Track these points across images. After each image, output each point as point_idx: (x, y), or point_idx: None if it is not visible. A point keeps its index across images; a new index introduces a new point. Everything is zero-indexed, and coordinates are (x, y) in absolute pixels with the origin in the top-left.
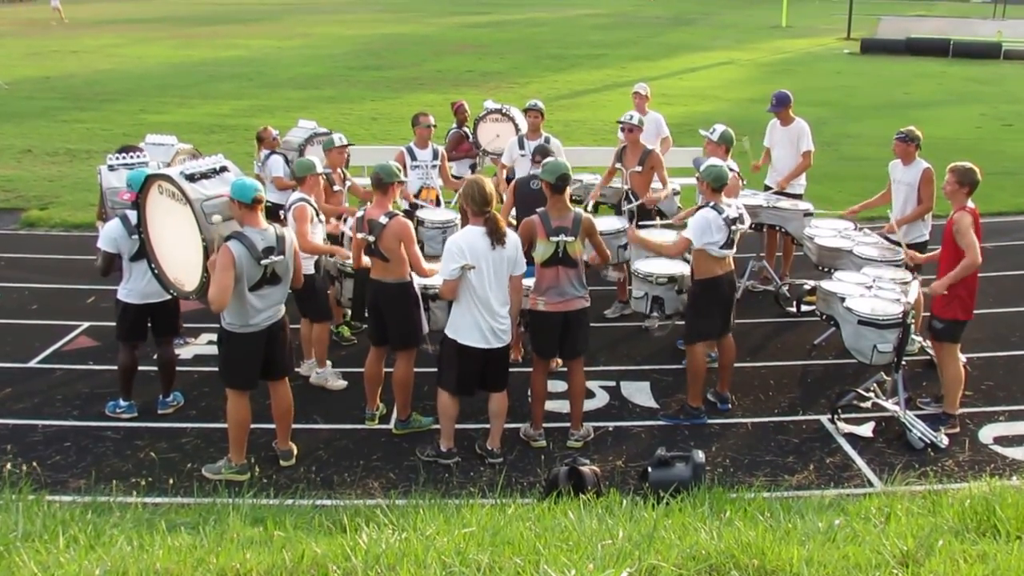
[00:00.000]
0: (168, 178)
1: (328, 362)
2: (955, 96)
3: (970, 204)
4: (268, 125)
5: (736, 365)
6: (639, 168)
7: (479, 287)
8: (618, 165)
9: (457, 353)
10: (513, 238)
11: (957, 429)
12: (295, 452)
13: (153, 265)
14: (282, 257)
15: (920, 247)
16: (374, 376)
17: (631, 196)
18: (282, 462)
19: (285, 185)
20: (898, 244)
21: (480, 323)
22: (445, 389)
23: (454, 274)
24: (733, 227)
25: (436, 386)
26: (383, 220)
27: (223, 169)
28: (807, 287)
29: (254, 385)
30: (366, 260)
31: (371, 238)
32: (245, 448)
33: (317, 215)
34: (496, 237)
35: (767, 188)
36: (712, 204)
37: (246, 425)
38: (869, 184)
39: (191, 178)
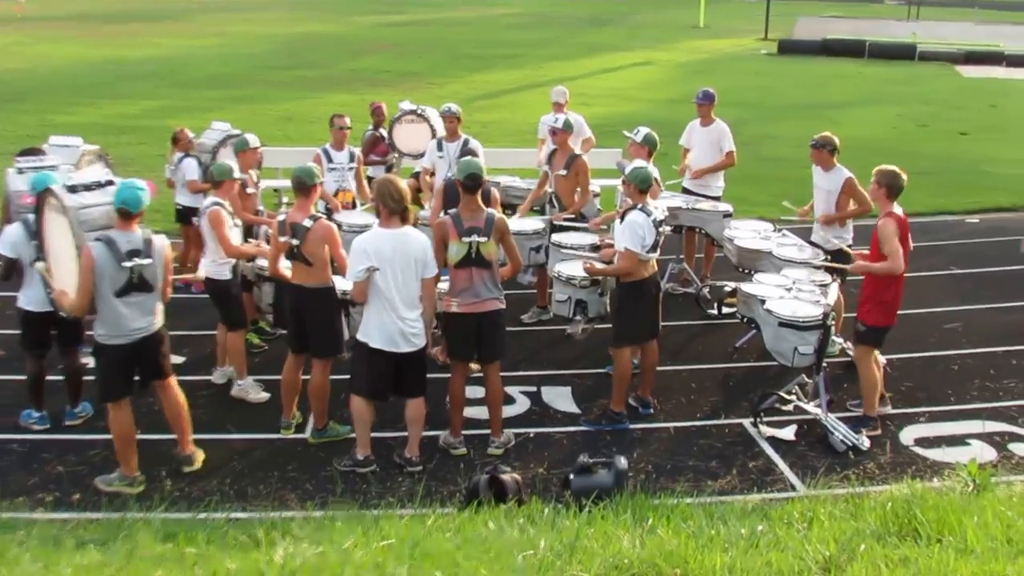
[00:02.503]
0: (53, 191)
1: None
2: (871, 96)
3: (897, 209)
4: (184, 127)
5: (658, 369)
6: (564, 172)
7: (385, 289)
8: (546, 168)
9: (368, 357)
10: (421, 240)
11: (879, 431)
12: (199, 458)
13: (44, 278)
14: (149, 261)
15: (841, 253)
16: (291, 384)
17: (555, 200)
18: (184, 468)
19: (199, 188)
20: (817, 246)
21: (389, 326)
22: (358, 394)
23: (360, 276)
24: (660, 229)
25: (348, 391)
26: (307, 223)
27: (108, 183)
28: (727, 289)
29: (129, 393)
30: (284, 266)
31: (295, 242)
32: (135, 460)
33: (232, 218)
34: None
35: (685, 191)
36: (640, 206)
37: (130, 436)
38: (788, 186)
39: (73, 189)
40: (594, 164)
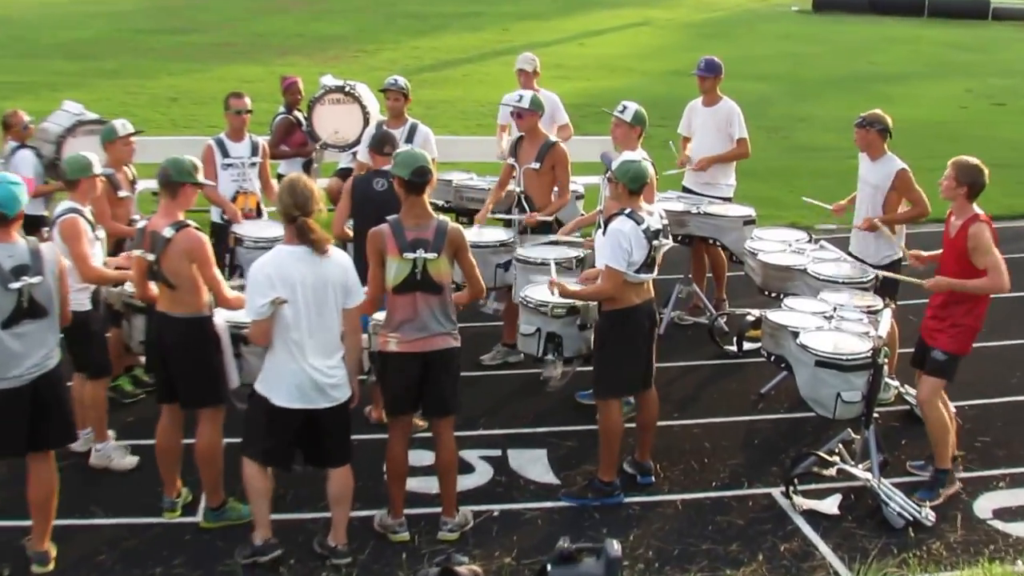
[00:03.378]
0: None
1: (111, 433)
2: (933, 67)
3: (977, 209)
4: (18, 109)
5: (660, 424)
6: (536, 165)
7: (294, 326)
8: (511, 160)
9: (267, 413)
10: (340, 259)
11: (956, 487)
12: (53, 555)
13: None
14: (40, 279)
15: (888, 268)
16: (169, 449)
17: (524, 202)
18: (35, 568)
19: (39, 191)
20: (862, 261)
21: (297, 375)
22: (251, 458)
23: (263, 312)
24: (655, 242)
25: (240, 454)
26: (167, 233)
27: None
28: (750, 318)
29: (20, 453)
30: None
31: (150, 257)
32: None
33: (94, 230)
34: (315, 248)
35: (686, 191)
36: (627, 211)
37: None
38: (828, 182)
39: None
40: (574, 156)
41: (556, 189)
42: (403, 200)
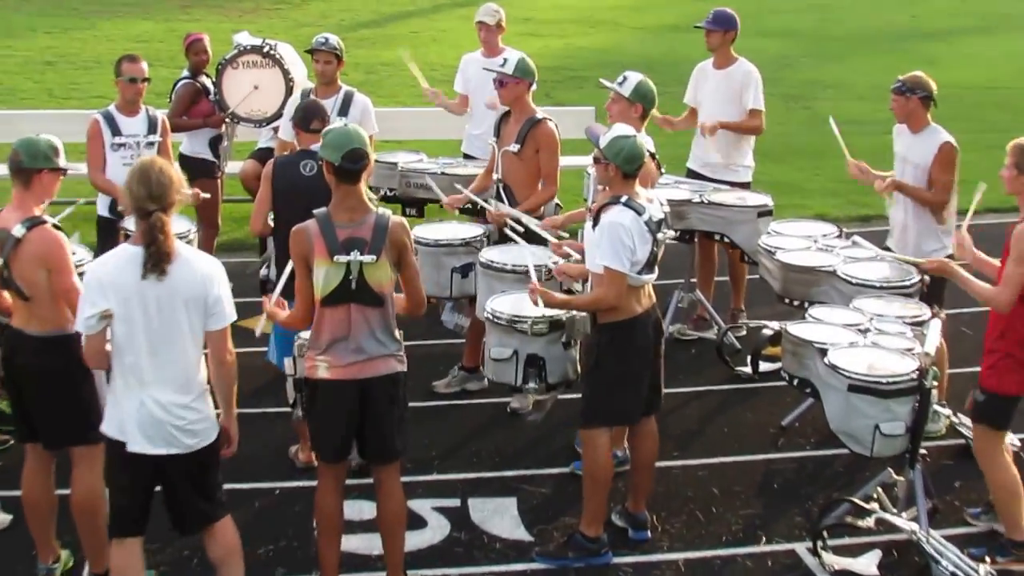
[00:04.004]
0: None
1: None
2: (986, 20)
3: None
4: None
5: (658, 465)
6: (516, 148)
7: (127, 348)
8: (493, 142)
9: (118, 461)
10: (202, 265)
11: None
12: None
13: None
14: None
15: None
16: (36, 500)
17: (503, 192)
18: None
19: None
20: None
21: (139, 412)
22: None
23: (91, 325)
24: (659, 236)
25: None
26: (18, 232)
27: None
28: (767, 332)
29: None
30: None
31: None
32: None
33: None
34: (153, 261)
35: (691, 174)
36: (625, 199)
37: None
38: (865, 159)
39: None
40: None
41: (543, 179)
42: (334, 190)
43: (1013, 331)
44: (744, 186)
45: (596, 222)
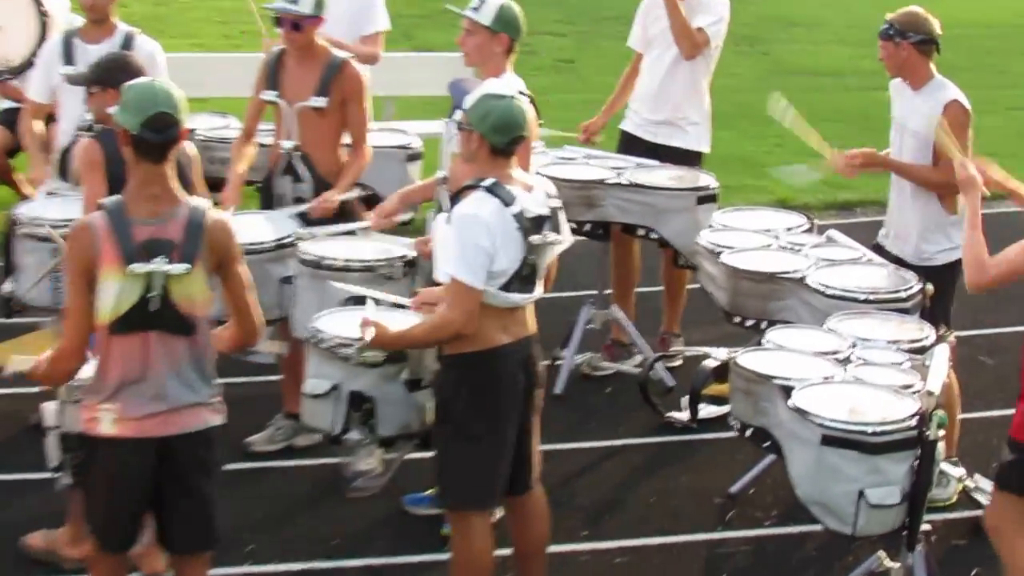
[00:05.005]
0: None
1: None
2: None
3: None
4: None
5: (559, 550)
6: (320, 102)
7: None
8: (271, 96)
9: None
10: None
11: None
12: None
13: None
14: None
15: (943, 272)
16: None
17: (296, 164)
18: None
19: None
20: (898, 260)
21: None
22: None
23: None
24: (535, 238)
25: None
26: None
27: None
28: (711, 364)
29: None
30: None
31: None
32: None
33: None
34: None
35: (627, 138)
36: (491, 183)
37: None
38: (840, 129)
39: None
40: (404, 87)
41: (347, 145)
42: (131, 170)
43: None
44: (692, 158)
45: (450, 213)
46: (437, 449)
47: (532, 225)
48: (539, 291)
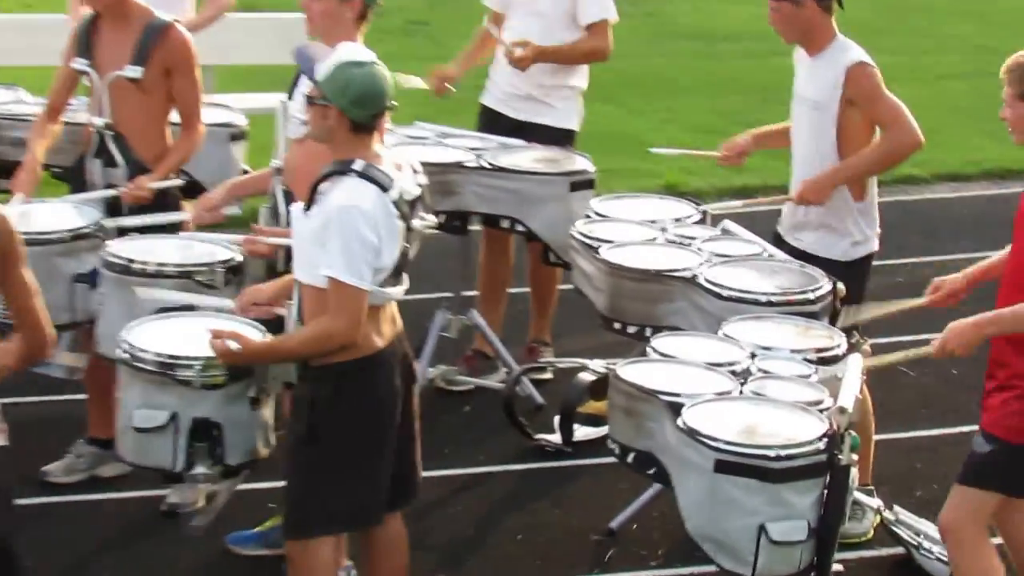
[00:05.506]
0: None
1: None
2: None
3: None
4: None
5: None
6: (135, 72)
7: None
8: (82, 64)
9: None
10: None
11: None
12: None
13: None
14: None
15: (854, 269)
16: None
17: (109, 146)
18: None
19: None
20: (804, 254)
21: None
22: None
23: None
24: (415, 223)
25: None
26: None
27: None
28: (587, 377)
29: None
30: None
31: None
32: None
33: None
34: None
35: (488, 114)
36: (364, 167)
37: None
38: (746, 101)
39: None
40: (211, 51)
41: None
42: None
43: None
44: (563, 137)
45: (311, 202)
46: (296, 472)
47: (409, 209)
48: (407, 282)
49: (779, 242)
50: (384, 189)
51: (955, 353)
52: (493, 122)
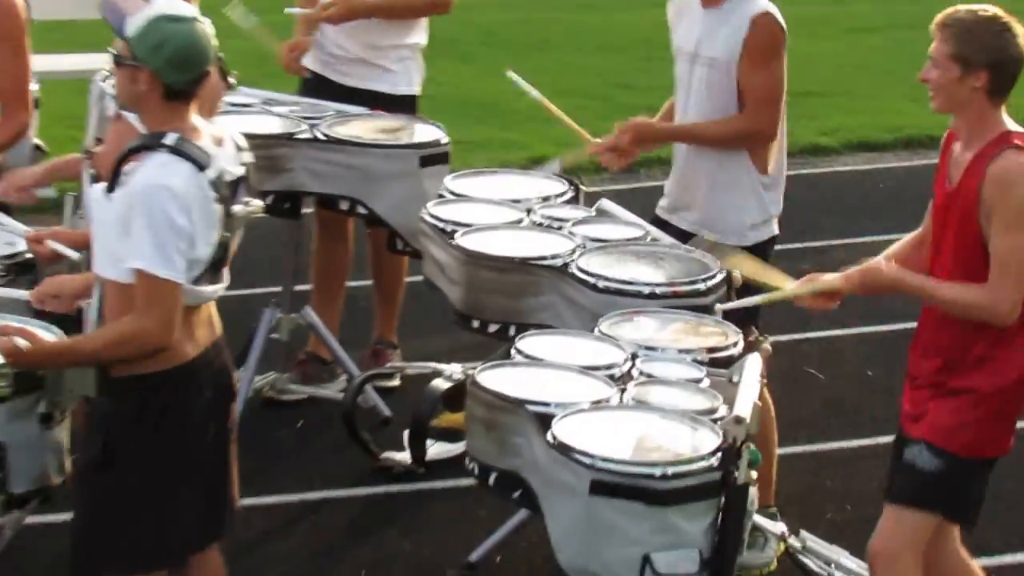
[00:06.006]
0: None
1: None
2: None
3: (1011, 124)
4: None
5: None
6: None
7: None
8: None
9: None
10: None
11: None
12: None
13: None
14: None
15: (753, 255)
16: None
17: None
18: None
19: None
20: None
21: None
22: None
23: None
24: (236, 208)
25: None
26: None
27: None
28: (441, 385)
29: None
30: None
31: None
32: None
33: None
34: None
35: (313, 79)
36: (176, 141)
37: None
38: (622, 61)
39: None
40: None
41: None
42: None
43: (983, 336)
44: (402, 104)
45: (114, 184)
46: (88, 504)
47: (230, 192)
48: (227, 279)
49: (662, 224)
50: (200, 167)
51: (857, 287)
52: (319, 89)
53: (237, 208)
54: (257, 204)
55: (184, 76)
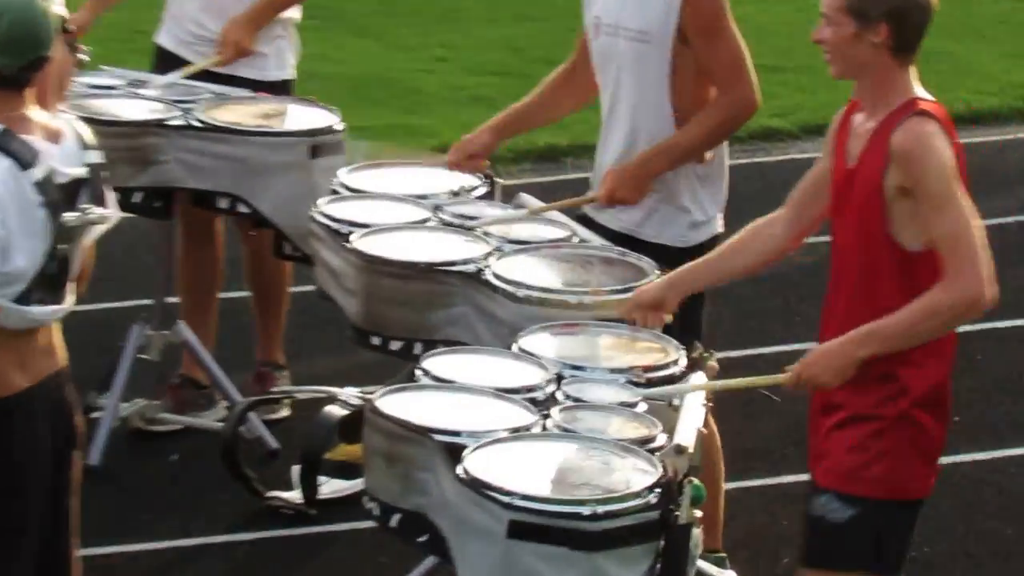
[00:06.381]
0: None
1: None
2: None
3: (919, 90)
4: None
5: None
6: None
7: None
8: None
9: None
10: None
11: None
12: None
13: None
14: None
15: (694, 257)
16: None
17: None
18: None
19: None
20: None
21: None
22: None
23: None
24: (68, 216)
25: None
26: None
27: None
28: (335, 412)
29: None
30: None
31: None
32: None
33: None
34: None
35: (166, 58)
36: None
37: None
38: (546, 29)
39: None
40: None
41: None
42: None
43: (930, 355)
44: (274, 91)
45: None
46: None
47: (64, 196)
48: (71, 300)
49: (590, 223)
50: (24, 165)
51: (817, 383)
52: (170, 71)
53: (71, 217)
54: (102, 212)
55: (14, 61)
